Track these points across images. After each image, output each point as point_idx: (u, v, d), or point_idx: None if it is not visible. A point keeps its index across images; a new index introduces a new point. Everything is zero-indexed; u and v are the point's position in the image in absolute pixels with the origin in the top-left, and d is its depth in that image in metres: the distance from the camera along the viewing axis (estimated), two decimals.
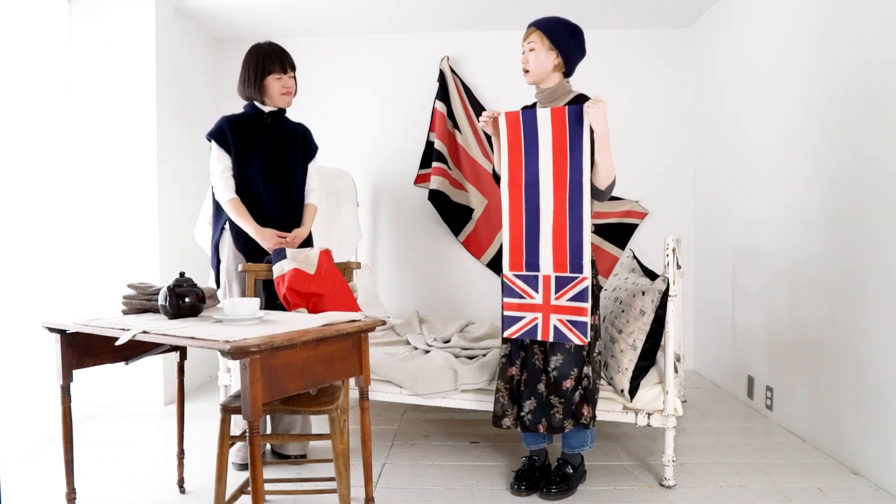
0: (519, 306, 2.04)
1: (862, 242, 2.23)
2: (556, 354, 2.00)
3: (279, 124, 2.40)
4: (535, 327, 2.01)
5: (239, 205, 2.27)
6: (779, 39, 2.81)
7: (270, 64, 2.30)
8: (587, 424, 2.04)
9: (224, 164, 2.29)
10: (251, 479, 1.36)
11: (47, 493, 2.13)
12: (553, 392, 2.00)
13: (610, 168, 1.98)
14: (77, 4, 3.21)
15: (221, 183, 2.29)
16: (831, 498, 2.06)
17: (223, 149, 2.29)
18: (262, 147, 2.32)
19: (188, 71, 3.65)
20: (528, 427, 2.03)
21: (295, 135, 2.44)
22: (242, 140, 2.30)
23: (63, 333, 1.74)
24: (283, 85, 2.33)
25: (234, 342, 1.29)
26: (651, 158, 3.89)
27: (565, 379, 1.99)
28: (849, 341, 2.30)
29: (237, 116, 2.35)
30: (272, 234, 2.26)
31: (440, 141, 3.79)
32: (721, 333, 3.49)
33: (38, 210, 2.96)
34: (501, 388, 2.12)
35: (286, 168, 2.37)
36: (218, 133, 2.30)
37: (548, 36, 2.03)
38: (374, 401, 2.49)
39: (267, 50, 2.32)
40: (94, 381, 3.05)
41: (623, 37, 3.89)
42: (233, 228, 2.31)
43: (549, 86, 2.08)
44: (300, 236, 2.35)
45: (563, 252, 1.96)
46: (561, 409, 2.00)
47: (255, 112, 2.35)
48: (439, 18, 3.76)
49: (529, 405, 2.03)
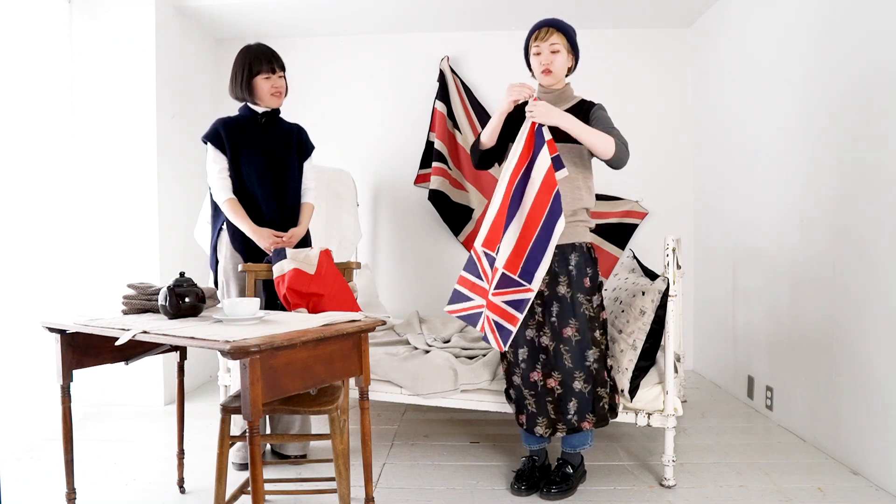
0: (472, 285, 1.99)
1: (862, 242, 2.23)
2: (591, 348, 2.00)
3: (273, 124, 2.41)
4: (477, 315, 1.97)
5: (236, 205, 2.28)
6: (779, 39, 2.81)
7: (258, 65, 2.30)
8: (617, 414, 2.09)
9: (220, 165, 2.30)
10: (251, 479, 1.36)
11: (47, 493, 2.13)
12: (599, 384, 2.02)
13: (598, 141, 1.91)
14: (77, 4, 3.21)
15: (218, 183, 2.30)
16: (831, 498, 2.06)
17: (219, 150, 2.31)
18: (256, 147, 2.33)
19: (188, 71, 3.65)
20: (575, 427, 2.01)
21: (290, 134, 2.45)
22: (237, 141, 2.31)
23: (63, 333, 1.74)
24: (272, 85, 2.33)
25: (234, 342, 1.29)
26: (651, 158, 3.89)
27: (604, 370, 2.03)
28: (849, 341, 2.30)
29: (232, 118, 2.37)
30: (269, 234, 2.27)
31: (440, 141, 3.79)
32: (721, 333, 3.49)
33: (39, 210, 2.96)
34: (528, 395, 2.07)
35: (281, 167, 2.38)
36: (213, 135, 2.31)
37: (567, 38, 2.04)
38: (374, 401, 2.49)
39: (255, 51, 2.33)
40: (94, 381, 3.04)
41: (623, 37, 3.89)
42: (230, 228, 2.32)
43: (559, 88, 2.09)
44: (297, 235, 2.35)
45: (520, 257, 1.92)
46: (608, 400, 2.04)
47: (249, 113, 2.37)
48: (439, 18, 3.76)
49: (573, 406, 2.00)
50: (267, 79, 2.32)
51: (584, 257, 2.05)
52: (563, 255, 2.04)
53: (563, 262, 2.03)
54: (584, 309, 2.01)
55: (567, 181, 2.02)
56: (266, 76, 2.32)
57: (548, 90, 2.11)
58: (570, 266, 2.03)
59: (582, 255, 2.04)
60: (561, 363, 2.01)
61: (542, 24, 2.07)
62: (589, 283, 2.03)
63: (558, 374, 2.02)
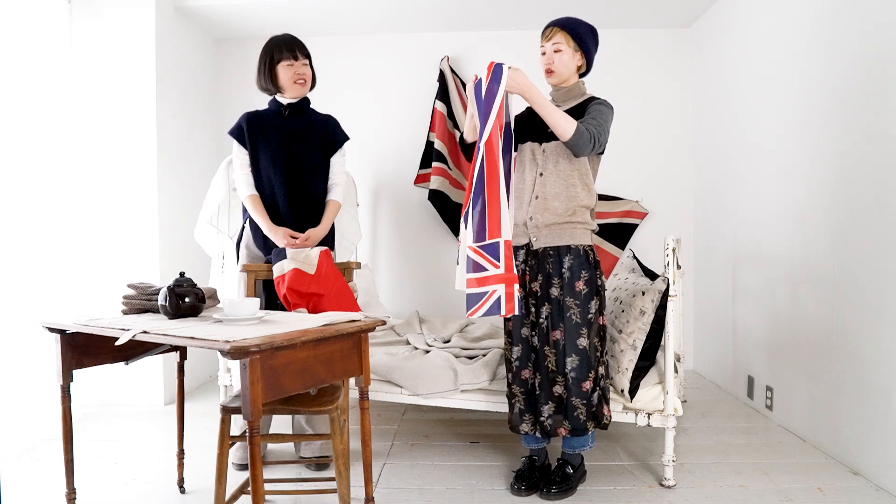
0: (481, 281, 1.85)
1: (862, 242, 2.23)
2: (571, 356, 1.98)
3: (299, 116, 2.36)
4: (497, 302, 1.83)
5: (256, 201, 2.28)
6: (779, 39, 2.81)
7: (279, 52, 2.27)
8: (606, 425, 2.05)
9: (242, 160, 2.30)
10: (251, 478, 1.36)
11: (47, 493, 2.13)
12: (574, 394, 1.98)
13: (558, 122, 1.90)
14: (77, 4, 3.21)
15: (241, 179, 2.30)
16: (831, 498, 2.06)
17: (241, 145, 2.30)
18: (274, 141, 2.30)
19: (188, 71, 3.65)
20: (549, 432, 2.02)
21: (313, 127, 2.38)
22: (256, 135, 2.29)
23: (63, 333, 1.74)
24: (295, 72, 2.28)
25: (234, 342, 1.29)
26: (651, 158, 3.89)
27: (584, 380, 1.98)
28: (849, 341, 2.30)
29: (258, 112, 2.35)
30: (284, 234, 2.23)
31: (440, 141, 3.79)
32: (721, 333, 3.49)
33: (39, 210, 2.96)
34: (518, 392, 2.09)
35: (298, 162, 2.32)
36: (237, 130, 2.31)
37: (573, 36, 2.02)
38: (374, 401, 2.49)
39: (278, 39, 2.30)
40: (94, 381, 3.04)
41: (623, 37, 3.88)
42: (252, 227, 2.32)
43: (568, 85, 2.09)
44: (315, 236, 2.28)
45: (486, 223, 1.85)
46: (584, 411, 1.99)
47: (275, 106, 2.34)
48: (439, 18, 3.76)
49: (548, 409, 2.02)
50: (289, 66, 2.27)
51: (580, 260, 2.01)
52: (557, 256, 2.03)
53: (557, 263, 2.02)
54: (570, 314, 1.98)
55: (562, 178, 2.02)
56: (288, 63, 2.27)
57: (556, 89, 2.11)
58: (564, 269, 2.02)
59: (577, 258, 2.01)
60: (543, 366, 2.02)
61: (549, 24, 2.07)
62: (583, 286, 1.99)
63: (540, 376, 2.03)
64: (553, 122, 1.92)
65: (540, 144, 2.06)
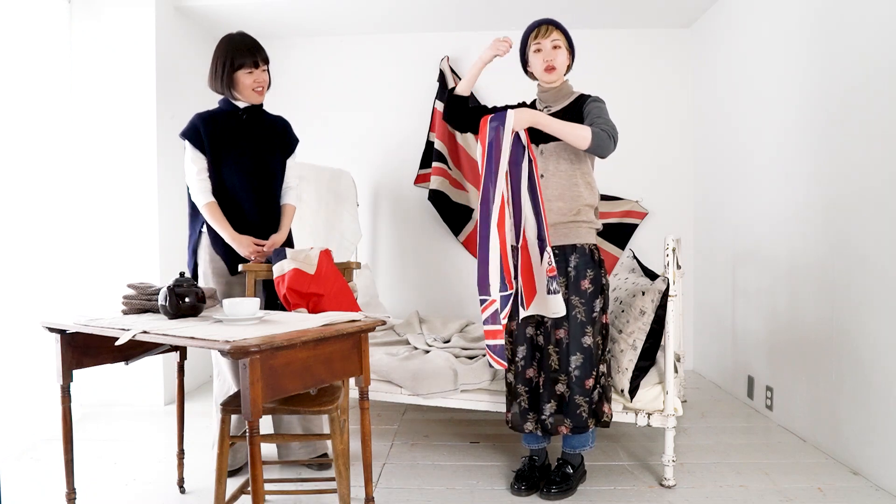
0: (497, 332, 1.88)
1: (862, 242, 2.23)
2: (576, 354, 1.99)
3: (258, 120, 2.26)
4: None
5: (216, 209, 2.16)
6: (779, 39, 2.81)
7: (241, 58, 2.14)
8: (607, 423, 2.06)
9: (199, 166, 2.16)
10: (251, 478, 1.36)
11: (47, 493, 2.13)
12: (577, 392, 1.99)
13: (571, 133, 1.91)
14: (77, 4, 3.21)
15: (197, 185, 2.16)
16: (831, 498, 2.06)
17: (198, 149, 2.16)
18: (239, 146, 2.20)
19: (188, 71, 3.65)
20: (551, 430, 2.02)
21: (274, 130, 2.30)
22: (218, 139, 2.17)
23: (63, 333, 1.74)
24: (255, 80, 2.18)
25: (234, 342, 1.29)
26: (651, 158, 3.89)
27: (587, 378, 1.99)
28: (849, 341, 2.30)
29: (211, 113, 2.21)
30: (248, 242, 2.17)
31: (440, 141, 3.79)
32: (721, 333, 3.49)
33: (39, 210, 2.96)
34: (522, 392, 2.08)
35: (266, 167, 2.26)
36: (192, 132, 2.16)
37: (565, 36, 2.07)
38: (374, 401, 2.49)
39: (238, 42, 2.18)
40: (94, 381, 3.04)
41: (623, 37, 3.89)
42: (210, 233, 2.21)
43: (557, 85, 2.10)
44: (277, 242, 2.24)
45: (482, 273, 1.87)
46: (586, 409, 2.00)
47: (230, 108, 2.22)
48: (439, 18, 3.76)
49: (550, 408, 2.02)
50: (249, 73, 2.16)
51: (585, 259, 2.02)
52: (563, 255, 2.03)
53: (562, 262, 2.03)
54: (576, 312, 2.00)
55: (564, 178, 2.02)
56: (248, 70, 2.16)
57: (545, 89, 2.11)
58: (569, 268, 2.03)
59: (583, 257, 2.02)
60: (547, 364, 2.03)
61: (541, 22, 2.08)
62: (588, 285, 2.01)
63: (543, 374, 2.03)
64: (566, 134, 1.92)
65: (538, 146, 2.06)
